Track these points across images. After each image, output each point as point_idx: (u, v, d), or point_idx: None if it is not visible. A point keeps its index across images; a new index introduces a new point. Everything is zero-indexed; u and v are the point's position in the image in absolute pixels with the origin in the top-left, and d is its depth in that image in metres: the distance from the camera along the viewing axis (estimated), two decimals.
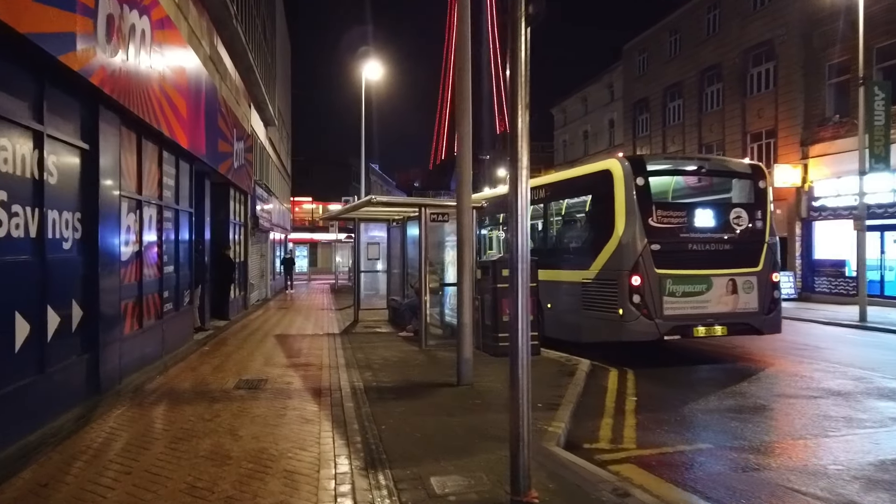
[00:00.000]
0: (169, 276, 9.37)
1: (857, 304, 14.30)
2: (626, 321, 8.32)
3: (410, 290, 13.91)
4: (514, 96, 3.67)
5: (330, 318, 15.33)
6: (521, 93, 3.64)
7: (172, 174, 9.65)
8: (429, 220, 9.99)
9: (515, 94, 3.66)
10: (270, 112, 22.57)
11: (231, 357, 9.11)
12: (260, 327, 13.31)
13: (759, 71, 24.47)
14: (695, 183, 9.49)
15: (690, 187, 9.43)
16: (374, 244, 15.49)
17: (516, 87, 3.65)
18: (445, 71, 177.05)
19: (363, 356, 9.14)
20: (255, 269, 20.76)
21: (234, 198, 16.08)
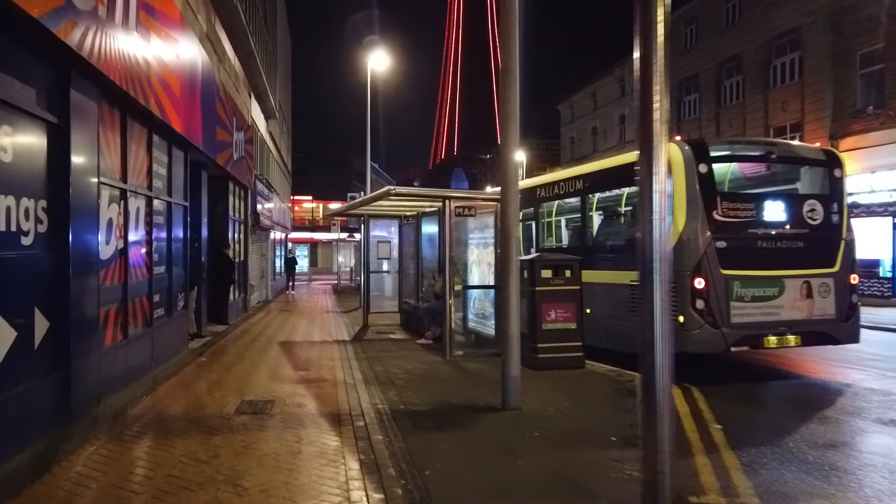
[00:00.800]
0: (160, 278, 8.23)
1: (893, 306, 13.17)
2: (687, 330, 7.19)
3: (426, 292, 12.79)
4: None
5: (337, 322, 14.19)
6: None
7: (164, 162, 8.50)
8: (454, 215, 8.85)
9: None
10: (272, 104, 21.43)
11: (231, 370, 7.97)
12: (262, 333, 12.17)
13: (784, 61, 23.38)
14: (760, 171, 8.37)
15: (753, 176, 8.31)
16: (384, 242, 14.36)
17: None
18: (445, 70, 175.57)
19: (382, 369, 8.01)
20: (256, 270, 19.61)
21: (234, 192, 14.93)
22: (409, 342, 10.68)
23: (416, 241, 12.95)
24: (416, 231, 12.94)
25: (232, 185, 14.51)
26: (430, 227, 12.73)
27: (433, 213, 12.16)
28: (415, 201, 10.29)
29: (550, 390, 6.55)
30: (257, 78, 17.68)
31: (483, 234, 9.47)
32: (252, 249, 18.20)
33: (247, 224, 16.72)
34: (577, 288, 7.92)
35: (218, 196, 13.64)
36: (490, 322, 9.27)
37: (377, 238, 14.46)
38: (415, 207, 12.44)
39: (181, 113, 8.42)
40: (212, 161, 11.16)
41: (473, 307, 9.81)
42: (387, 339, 11.29)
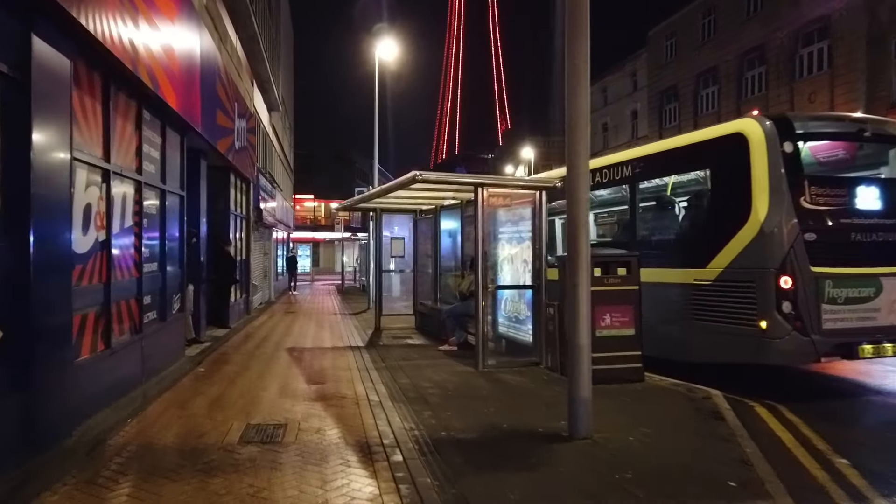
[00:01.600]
0: (151, 277, 7.14)
1: None
2: (772, 337, 6.11)
3: (445, 292, 11.70)
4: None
5: (347, 326, 13.10)
6: None
7: (157, 144, 7.42)
8: (487, 205, 7.76)
9: None
10: (275, 95, 20.36)
11: (234, 383, 6.87)
12: (267, 337, 11.07)
13: (811, 51, 22.30)
14: (837, 153, 7.28)
15: (838, 158, 7.21)
16: (397, 240, 13.27)
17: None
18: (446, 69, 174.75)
19: (408, 382, 6.92)
20: (259, 269, 18.53)
21: (236, 185, 13.86)
22: (429, 348, 9.59)
23: (434, 237, 11.87)
24: (434, 226, 11.86)
25: (233, 177, 13.43)
26: (450, 223, 11.64)
27: (453, 207, 11.09)
28: (439, 191, 9.20)
29: (616, 411, 5.46)
30: (260, 65, 16.59)
31: (517, 228, 8.38)
32: (254, 248, 17.11)
33: (249, 220, 15.63)
34: (636, 288, 6.82)
35: (218, 188, 12.56)
36: (525, 327, 8.19)
37: (389, 235, 13.37)
38: (433, 200, 11.36)
39: (177, 88, 7.34)
40: (212, 148, 10.08)
41: (504, 310, 8.72)
42: (404, 344, 10.19)
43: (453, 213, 11.20)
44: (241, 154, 13.18)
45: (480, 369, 7.60)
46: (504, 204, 8.12)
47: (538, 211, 7.92)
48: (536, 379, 7.09)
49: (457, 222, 11.09)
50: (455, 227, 11.38)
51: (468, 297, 9.27)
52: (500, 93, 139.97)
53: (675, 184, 7.96)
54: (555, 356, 7.44)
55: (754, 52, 25.13)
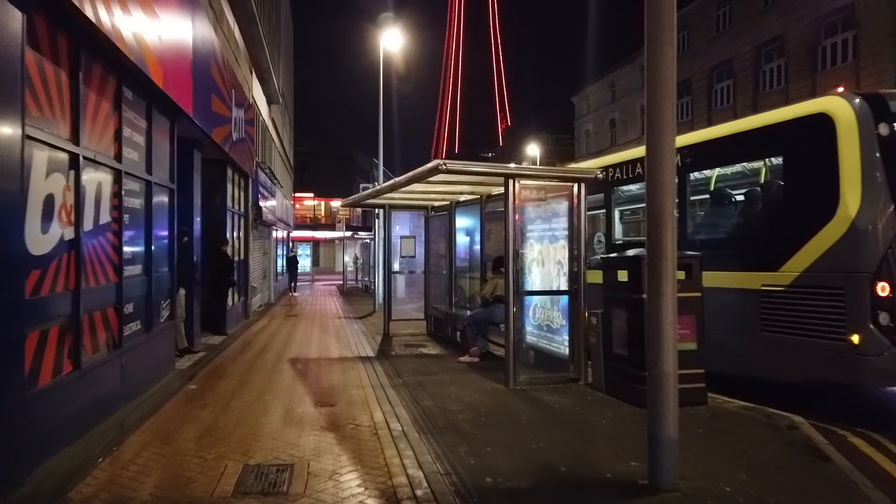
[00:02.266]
0: (134, 282, 6.18)
1: None
2: (865, 354, 5.16)
3: (461, 296, 10.75)
4: None
5: (353, 331, 12.14)
6: None
7: (142, 128, 6.47)
8: (518, 199, 6.81)
9: None
10: (275, 86, 19.39)
11: (230, 406, 5.91)
12: (268, 346, 10.11)
13: (834, 42, 21.37)
14: None
15: None
16: (408, 238, 12.31)
17: None
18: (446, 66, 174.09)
19: (432, 403, 5.96)
20: (258, 270, 17.57)
21: (233, 180, 12.90)
22: (448, 359, 8.64)
23: (448, 236, 10.91)
24: (448, 224, 10.90)
25: (231, 171, 12.47)
26: (466, 220, 10.69)
27: (471, 203, 10.13)
28: (458, 184, 8.23)
29: (694, 447, 4.51)
30: (259, 51, 15.62)
31: (550, 226, 7.43)
32: (254, 247, 16.16)
33: (247, 218, 14.67)
34: (698, 295, 5.86)
35: (214, 183, 11.60)
36: (560, 337, 7.24)
37: (399, 233, 12.41)
38: (448, 195, 10.40)
39: (166, 65, 6.38)
40: (207, 138, 9.12)
41: (534, 317, 7.76)
42: (419, 354, 9.24)
43: (471, 209, 10.24)
44: (240, 147, 12.22)
45: (512, 387, 6.65)
46: (537, 198, 7.16)
47: (576, 206, 6.97)
48: (580, 399, 6.14)
49: (475, 220, 10.13)
50: (473, 224, 10.42)
51: (491, 303, 8.33)
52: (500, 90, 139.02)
53: (737, 173, 7.01)
54: (598, 372, 6.49)
55: (772, 44, 24.19)
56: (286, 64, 27.73)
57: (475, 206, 9.95)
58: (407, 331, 11.94)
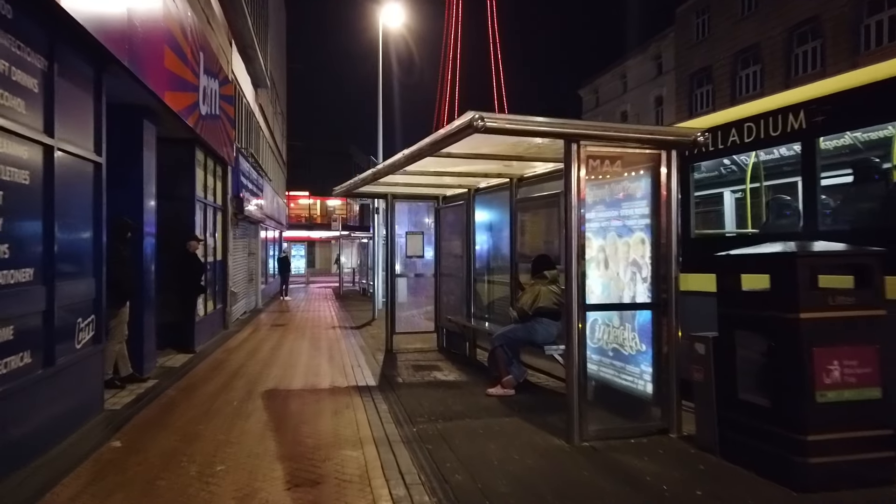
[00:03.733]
0: (16, 295, 4.11)
1: None
2: None
3: (482, 305, 8.69)
4: None
5: (350, 346, 10.08)
6: None
7: (36, 66, 4.39)
8: (585, 171, 4.74)
9: None
10: (261, 67, 17.31)
11: (154, 490, 3.85)
12: (242, 369, 8.03)
13: (879, 20, 19.43)
14: None
15: None
16: (415, 235, 10.26)
17: None
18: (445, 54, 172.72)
19: (465, 477, 3.90)
20: (241, 272, 15.50)
21: (206, 166, 10.83)
22: (471, 389, 6.60)
23: (466, 231, 8.86)
24: (466, 217, 8.86)
25: (202, 154, 10.41)
26: (490, 210, 8.66)
27: (496, 190, 8.10)
28: (487, 159, 6.15)
29: None
30: (241, 21, 13.55)
31: (619, 212, 5.38)
32: (235, 246, 14.09)
33: (226, 212, 12.60)
34: (880, 313, 3.81)
35: (178, 167, 9.56)
36: (634, 368, 5.20)
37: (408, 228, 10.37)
38: (465, 180, 8.38)
39: None
40: (160, 105, 7.05)
41: (593, 339, 5.71)
42: (434, 381, 7.19)
43: (496, 197, 8.20)
44: (212, 125, 10.15)
45: (578, 443, 4.60)
46: (606, 172, 5.08)
47: (664, 182, 4.92)
48: (686, 468, 4.09)
49: (502, 210, 8.10)
50: (499, 216, 8.38)
51: (531, 317, 6.28)
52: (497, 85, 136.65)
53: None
54: (706, 425, 4.43)
55: (806, 25, 22.23)
56: (277, 49, 25.66)
57: (503, 193, 7.91)
58: (414, 345, 9.91)
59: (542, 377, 7.00)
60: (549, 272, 6.31)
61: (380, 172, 7.01)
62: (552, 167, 6.65)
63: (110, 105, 5.84)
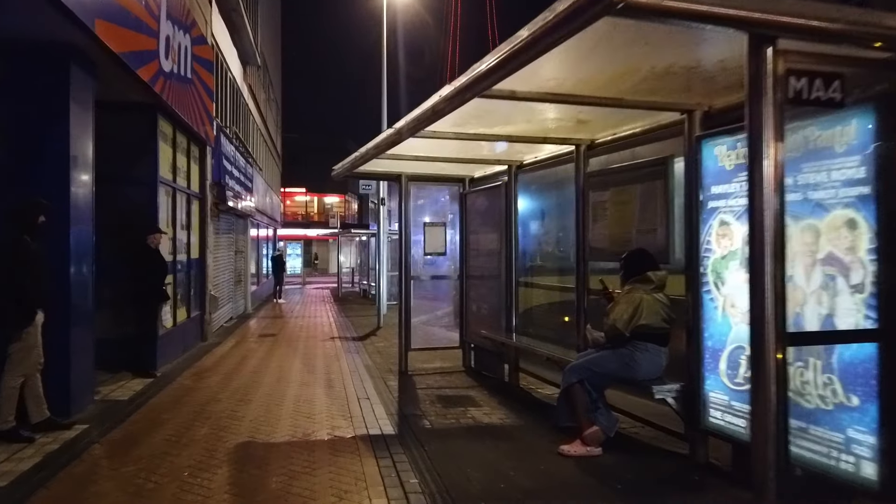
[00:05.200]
0: None
1: None
2: None
3: (528, 317, 6.66)
4: None
5: (353, 367, 8.04)
6: None
7: None
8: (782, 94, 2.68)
9: None
10: (250, 41, 15.25)
11: None
12: (209, 407, 5.97)
13: None
14: None
15: None
16: (435, 227, 8.22)
17: None
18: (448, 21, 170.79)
19: None
20: (226, 274, 13.43)
21: (176, 143, 8.76)
22: (532, 440, 4.59)
23: (505, 220, 6.83)
24: (505, 201, 6.83)
25: (169, 126, 8.35)
26: (542, 192, 6.66)
27: (554, 163, 6.09)
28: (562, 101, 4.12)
29: None
30: None
31: (796, 177, 3.33)
32: (217, 243, 12.04)
33: (205, 201, 10.54)
34: None
35: (135, 141, 7.53)
36: (841, 434, 3.16)
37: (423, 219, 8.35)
38: (508, 154, 6.38)
39: None
40: (91, 41, 4.99)
41: (741, 377, 3.68)
42: (472, 425, 5.17)
43: (552, 174, 6.19)
44: (182, 91, 8.09)
45: None
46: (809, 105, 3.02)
47: None
48: None
49: (562, 190, 6.08)
50: (555, 199, 6.38)
51: (627, 340, 4.24)
52: None
53: None
54: None
55: None
56: (270, 31, 23.60)
57: (562, 168, 5.88)
58: (432, 364, 7.92)
59: (630, 421, 4.94)
60: (656, 274, 4.27)
61: (402, 132, 4.94)
62: (649, 124, 4.63)
63: (13, 41, 3.82)
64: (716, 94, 3.94)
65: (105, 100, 6.71)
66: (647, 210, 4.61)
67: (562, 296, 5.99)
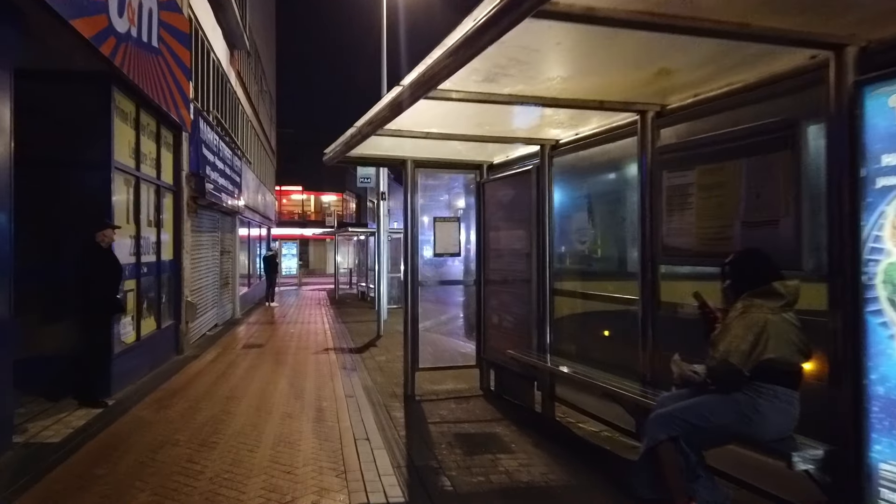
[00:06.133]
0: None
1: None
2: None
3: (563, 331, 5.35)
4: None
5: (350, 390, 6.71)
6: None
7: None
8: None
9: None
10: (237, 21, 13.91)
11: None
12: (160, 455, 4.63)
13: None
14: None
15: None
16: (447, 222, 6.90)
17: None
18: None
19: None
20: (209, 277, 12.09)
21: (139, 123, 7.42)
22: None
23: (537, 211, 5.51)
24: (536, 189, 5.52)
25: (129, 102, 7.03)
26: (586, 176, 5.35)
27: (604, 138, 4.78)
28: None
29: None
30: None
31: None
32: (196, 242, 10.71)
33: (179, 193, 9.21)
34: None
35: (83, 118, 6.20)
36: None
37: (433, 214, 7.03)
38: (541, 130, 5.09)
39: None
40: None
41: None
42: (507, 481, 3.86)
43: (601, 153, 4.88)
44: (147, 61, 6.78)
45: None
46: None
47: None
48: None
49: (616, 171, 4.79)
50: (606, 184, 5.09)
51: (744, 380, 2.91)
52: None
53: None
54: None
55: None
56: (263, 15, 22.25)
57: (615, 145, 4.58)
58: (444, 385, 6.65)
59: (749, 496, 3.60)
60: (785, 285, 2.94)
61: (416, 87, 3.60)
62: (767, 72, 3.31)
63: None
64: (878, 21, 2.64)
65: (47, 68, 5.46)
66: (759, 195, 3.28)
67: (614, 308, 4.67)
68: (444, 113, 4.49)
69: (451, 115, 4.57)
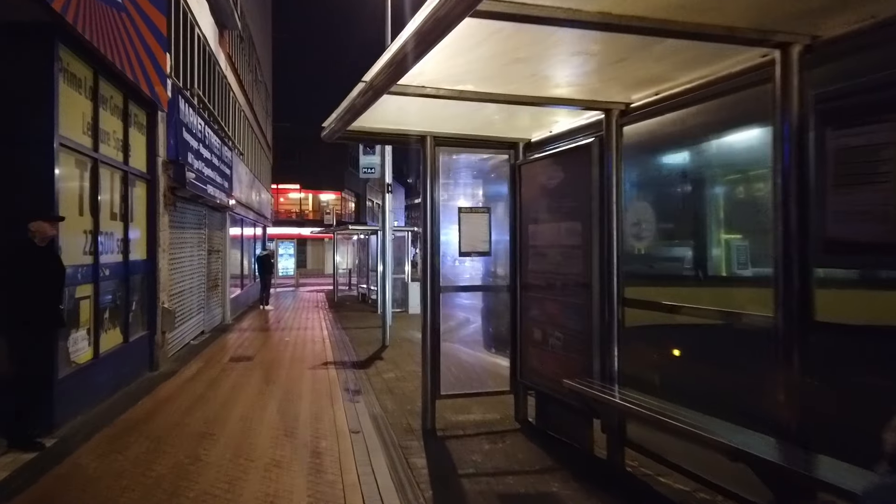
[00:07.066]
0: None
1: None
2: None
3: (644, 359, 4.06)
4: None
5: (354, 418, 5.41)
6: None
7: None
8: None
9: None
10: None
11: None
12: None
13: None
14: None
15: None
16: (474, 213, 5.58)
17: None
18: None
19: None
20: (193, 279, 10.76)
21: (97, 94, 6.08)
22: None
23: (600, 197, 4.20)
24: (599, 168, 4.21)
25: (83, 66, 5.71)
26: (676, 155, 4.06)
27: (706, 93, 3.47)
28: None
29: None
30: None
31: None
32: (179, 239, 9.39)
33: (154, 183, 7.89)
34: None
35: (15, 82, 4.89)
36: None
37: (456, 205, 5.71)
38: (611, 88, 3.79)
39: None
40: None
41: None
42: None
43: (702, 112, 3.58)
44: (105, 16, 5.47)
45: None
46: None
47: None
48: None
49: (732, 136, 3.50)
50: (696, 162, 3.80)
51: None
52: None
53: None
54: None
55: None
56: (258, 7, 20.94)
57: (735, 97, 3.28)
58: (469, 416, 5.37)
59: None
60: None
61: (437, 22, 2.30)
62: None
63: None
64: None
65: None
66: None
67: (724, 324, 3.38)
68: (489, 56, 3.20)
69: (496, 59, 3.28)
